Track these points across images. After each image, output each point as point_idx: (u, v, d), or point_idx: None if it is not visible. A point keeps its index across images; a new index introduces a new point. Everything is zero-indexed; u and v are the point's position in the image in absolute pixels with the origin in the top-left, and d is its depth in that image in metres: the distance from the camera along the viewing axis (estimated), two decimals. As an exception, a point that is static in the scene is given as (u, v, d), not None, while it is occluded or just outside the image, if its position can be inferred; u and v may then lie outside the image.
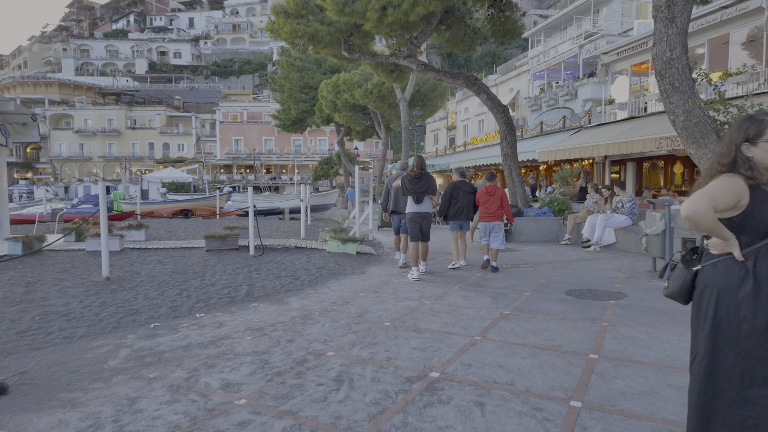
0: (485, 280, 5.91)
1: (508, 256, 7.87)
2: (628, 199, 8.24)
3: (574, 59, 25.40)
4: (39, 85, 65.99)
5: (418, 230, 5.93)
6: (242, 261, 7.10)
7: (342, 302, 4.87)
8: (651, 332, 3.76)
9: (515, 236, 9.98)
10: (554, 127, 18.94)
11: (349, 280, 5.99)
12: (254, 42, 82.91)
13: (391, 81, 12.82)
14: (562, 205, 10.17)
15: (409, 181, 5.90)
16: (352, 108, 24.49)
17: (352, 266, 7.04)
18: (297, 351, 3.44)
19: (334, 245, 7.89)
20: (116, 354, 3.47)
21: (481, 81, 10.18)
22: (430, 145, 42.73)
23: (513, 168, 10.32)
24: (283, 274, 6.34)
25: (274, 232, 11.82)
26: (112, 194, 19.18)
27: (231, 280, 5.93)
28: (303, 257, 7.64)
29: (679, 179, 17.33)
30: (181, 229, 12.39)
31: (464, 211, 6.62)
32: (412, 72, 14.16)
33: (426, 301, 4.87)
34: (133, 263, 6.79)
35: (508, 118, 10.11)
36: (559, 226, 9.94)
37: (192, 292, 5.29)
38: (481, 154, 22.51)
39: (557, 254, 8.03)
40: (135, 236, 8.53)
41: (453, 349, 3.42)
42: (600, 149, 12.72)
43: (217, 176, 55.99)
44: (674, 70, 5.24)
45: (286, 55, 30.66)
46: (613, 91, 17.10)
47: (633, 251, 8.11)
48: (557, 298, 4.95)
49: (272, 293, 5.35)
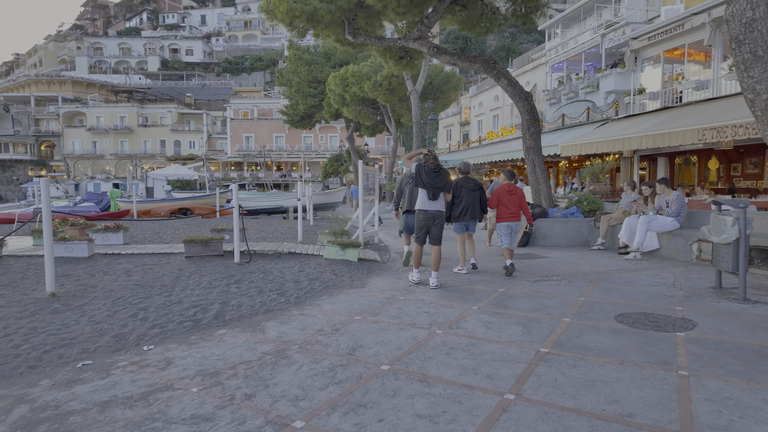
0: (509, 298, 4.83)
1: (534, 264, 6.77)
2: (674, 198, 7.06)
3: (596, 49, 23.99)
4: (53, 83, 66.40)
5: (425, 232, 5.28)
6: (224, 270, 6.13)
7: (331, 330, 3.85)
8: (757, 391, 2.66)
9: (539, 240, 8.86)
10: (577, 120, 17.64)
11: (345, 297, 4.97)
12: (266, 39, 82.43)
13: (400, 69, 11.74)
14: (593, 204, 9.00)
15: (427, 173, 5.15)
16: (361, 102, 23.45)
17: (351, 277, 6.02)
18: (253, 418, 2.43)
19: (332, 251, 6.89)
20: (5, 416, 2.50)
21: (501, 65, 9.05)
22: (443, 142, 41.49)
23: (537, 163, 9.17)
24: (267, 287, 5.35)
25: (271, 233, 10.87)
26: (109, 192, 18.49)
27: (203, 296, 4.96)
28: (296, 265, 6.64)
29: (715, 176, 15.93)
30: (173, 230, 11.52)
31: (470, 211, 5.98)
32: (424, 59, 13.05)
33: (437, 329, 3.82)
34: (95, 273, 5.87)
35: (532, 106, 8.97)
36: (589, 229, 8.79)
37: (150, 313, 4.32)
38: (498, 149, 21.28)
39: (591, 263, 6.90)
40: (112, 239, 7.65)
41: (475, 419, 2.38)
42: (632, 142, 11.47)
43: (228, 174, 55.59)
44: (756, 35, 4.10)
45: (295, 48, 29.78)
46: (643, 80, 15.73)
47: (681, 259, 6.93)
48: (606, 326, 3.86)
49: (248, 315, 4.35)
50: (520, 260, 7.18)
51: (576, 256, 7.56)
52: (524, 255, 7.69)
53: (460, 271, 6.08)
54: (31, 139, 60.23)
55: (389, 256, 7.95)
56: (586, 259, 7.23)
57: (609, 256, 7.44)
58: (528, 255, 7.68)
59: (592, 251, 8.05)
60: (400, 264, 7.03)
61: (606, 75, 21.68)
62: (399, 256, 7.89)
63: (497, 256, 7.54)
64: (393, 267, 6.88)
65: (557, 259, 7.21)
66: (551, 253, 7.95)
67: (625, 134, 11.98)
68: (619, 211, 8.26)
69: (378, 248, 8.85)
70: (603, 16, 25.18)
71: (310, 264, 6.72)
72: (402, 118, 24.44)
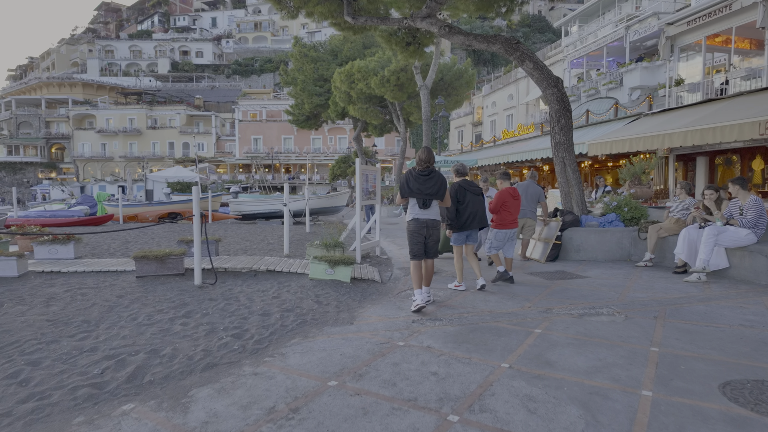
0: (551, 346, 3.45)
1: (571, 287, 5.36)
2: (751, 203, 5.57)
3: (619, 43, 22.42)
4: (63, 85, 66.53)
5: (422, 245, 4.44)
6: (177, 297, 4.84)
7: (287, 411, 2.52)
8: None
9: (570, 253, 7.44)
10: (603, 116, 16.12)
11: (323, 342, 3.64)
12: (276, 40, 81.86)
13: (407, 56, 10.41)
14: (635, 211, 7.55)
15: (415, 178, 4.37)
16: (367, 99, 22.14)
17: (338, 305, 4.69)
18: None
19: (319, 269, 5.57)
20: None
21: (525, 45, 7.65)
22: (455, 143, 40.04)
23: (568, 161, 7.75)
24: (223, 323, 4.04)
25: (258, 243, 9.59)
26: (96, 195, 17.46)
27: (131, 338, 3.67)
28: (273, 287, 5.34)
29: (759, 177, 14.27)
30: (149, 237, 10.27)
31: (476, 218, 5.15)
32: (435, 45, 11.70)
33: (451, 413, 2.46)
34: (4, 302, 4.60)
35: (562, 93, 7.56)
36: (632, 241, 7.33)
37: (39, 372, 3.04)
38: (514, 149, 19.81)
39: (644, 285, 5.46)
40: (61, 253, 6.43)
41: None
42: (674, 139, 9.95)
43: (236, 176, 54.81)
44: None
45: (300, 45, 28.66)
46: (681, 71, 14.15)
47: (761, 283, 5.45)
48: (716, 410, 2.46)
49: (177, 374, 3.04)
50: (552, 280, 5.78)
51: (621, 275, 6.12)
52: (556, 273, 6.28)
53: (457, 288, 5.23)
54: (42, 141, 60.30)
55: (391, 273, 6.60)
56: (635, 281, 5.79)
57: (663, 277, 5.98)
58: (561, 273, 6.28)
59: (639, 269, 6.61)
60: (403, 284, 5.69)
61: (630, 70, 20.10)
62: (403, 272, 6.54)
63: (528, 275, 6.14)
64: (395, 289, 5.53)
65: (599, 280, 5.79)
66: (589, 270, 6.53)
67: (666, 129, 10.46)
68: (671, 220, 6.80)
69: (379, 262, 7.51)
70: (624, 10, 23.64)
71: (291, 286, 5.41)
72: (411, 117, 23.06)
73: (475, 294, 5.12)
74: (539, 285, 5.61)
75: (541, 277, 6.11)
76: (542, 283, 5.71)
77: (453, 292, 5.18)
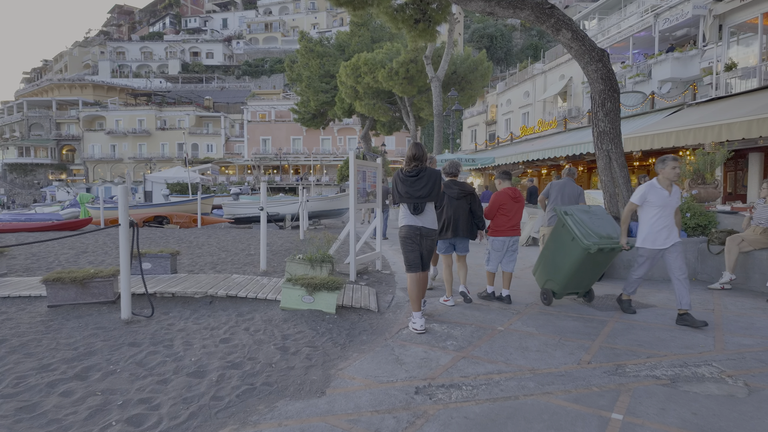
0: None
1: (638, 324, 3.84)
2: None
3: (647, 33, 20.72)
4: (74, 86, 66.60)
5: (418, 253, 3.88)
6: (85, 340, 3.45)
7: None
8: None
9: (619, 270, 5.94)
10: (637, 109, 14.50)
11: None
12: (286, 41, 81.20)
13: (416, 37, 8.99)
14: (701, 218, 6.00)
15: (402, 180, 3.84)
16: (375, 95, 20.73)
17: (309, 356, 3.26)
18: None
19: (293, 297, 4.15)
20: None
21: (561, 11, 6.15)
22: (467, 142, 38.43)
23: (614, 155, 6.22)
24: (125, 395, 2.64)
25: (239, 253, 8.18)
26: (78, 197, 16.37)
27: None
28: (228, 322, 3.94)
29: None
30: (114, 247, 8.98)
31: (452, 225, 4.54)
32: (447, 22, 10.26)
33: None
34: None
35: (608, 70, 6.04)
36: (698, 255, 5.79)
37: None
38: (534, 146, 18.22)
39: (740, 323, 3.94)
40: (-22, 269, 5.17)
41: None
42: (734, 130, 8.34)
43: (244, 177, 53.98)
44: None
45: (306, 40, 27.43)
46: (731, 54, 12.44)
47: None
48: None
49: None
50: (606, 311, 4.28)
51: (696, 304, 4.59)
52: (607, 298, 4.77)
53: (445, 302, 4.66)
54: (53, 143, 60.29)
55: (392, 297, 5.15)
56: (722, 313, 4.27)
57: (759, 308, 4.44)
58: (614, 299, 4.76)
59: (716, 293, 5.07)
60: (406, 315, 4.25)
61: (660, 61, 18.41)
62: (407, 295, 5.10)
63: (572, 301, 4.64)
64: (394, 324, 4.09)
65: (671, 312, 4.27)
66: (649, 294, 5.01)
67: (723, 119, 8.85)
68: (756, 230, 5.24)
69: (379, 279, 6.07)
70: (648, 1, 21.95)
71: (254, 320, 4.00)
72: (422, 113, 21.56)
73: (507, 335, 3.67)
74: (591, 318, 4.13)
75: (589, 305, 4.62)
76: (594, 315, 4.23)
77: (476, 333, 3.75)
